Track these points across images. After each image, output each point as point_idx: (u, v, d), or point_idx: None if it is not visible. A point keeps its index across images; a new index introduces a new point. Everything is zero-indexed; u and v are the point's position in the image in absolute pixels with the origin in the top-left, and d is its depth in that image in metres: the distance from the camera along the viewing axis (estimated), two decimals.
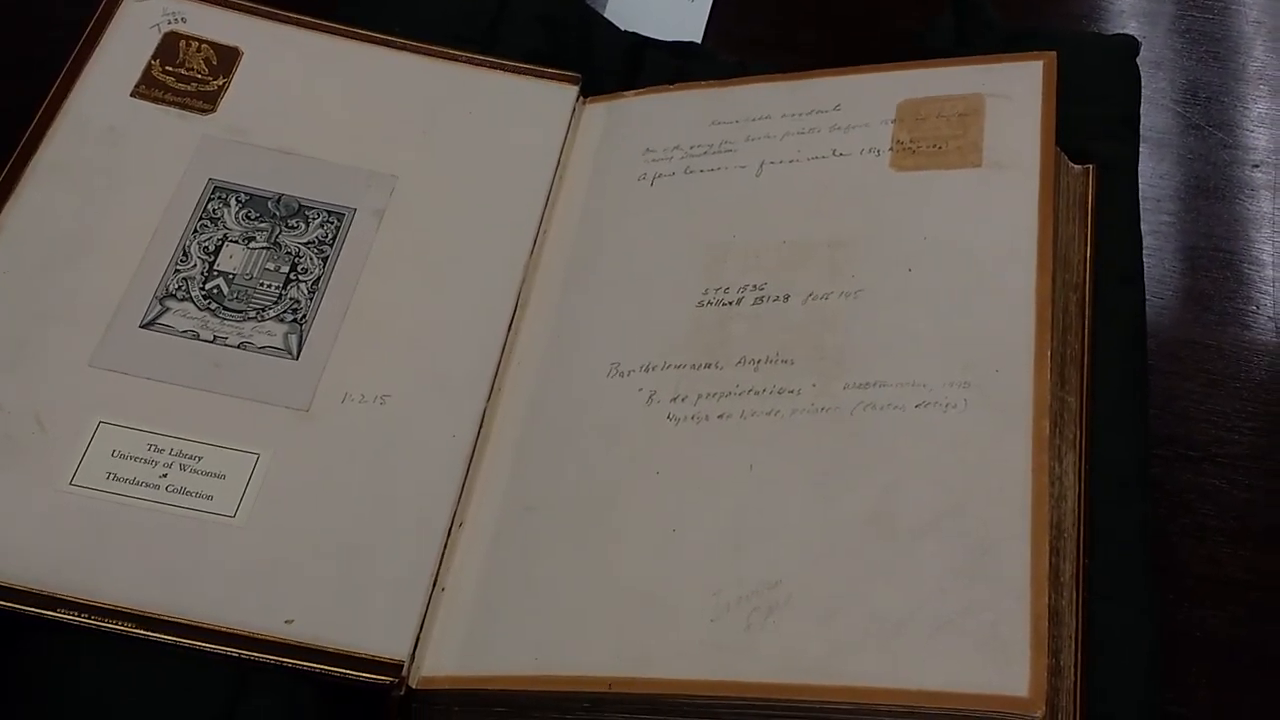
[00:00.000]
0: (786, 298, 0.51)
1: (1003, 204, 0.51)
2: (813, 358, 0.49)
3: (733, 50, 0.67)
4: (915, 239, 0.51)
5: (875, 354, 0.48)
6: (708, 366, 0.50)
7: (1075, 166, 0.56)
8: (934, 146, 0.53)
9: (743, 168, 0.56)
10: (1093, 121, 0.58)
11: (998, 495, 0.44)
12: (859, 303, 0.50)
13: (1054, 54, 0.55)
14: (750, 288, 0.52)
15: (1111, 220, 0.56)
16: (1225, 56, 0.70)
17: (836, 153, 0.55)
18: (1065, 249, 0.54)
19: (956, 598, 0.42)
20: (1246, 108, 0.68)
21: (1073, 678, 0.45)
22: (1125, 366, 0.53)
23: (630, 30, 0.67)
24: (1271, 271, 0.62)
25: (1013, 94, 0.54)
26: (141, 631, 0.45)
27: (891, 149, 0.54)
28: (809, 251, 0.52)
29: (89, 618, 0.45)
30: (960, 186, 0.52)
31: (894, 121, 0.55)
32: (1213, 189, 0.65)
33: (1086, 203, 0.56)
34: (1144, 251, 0.62)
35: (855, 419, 0.47)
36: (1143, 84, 0.63)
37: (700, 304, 0.52)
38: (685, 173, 0.56)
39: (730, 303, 0.52)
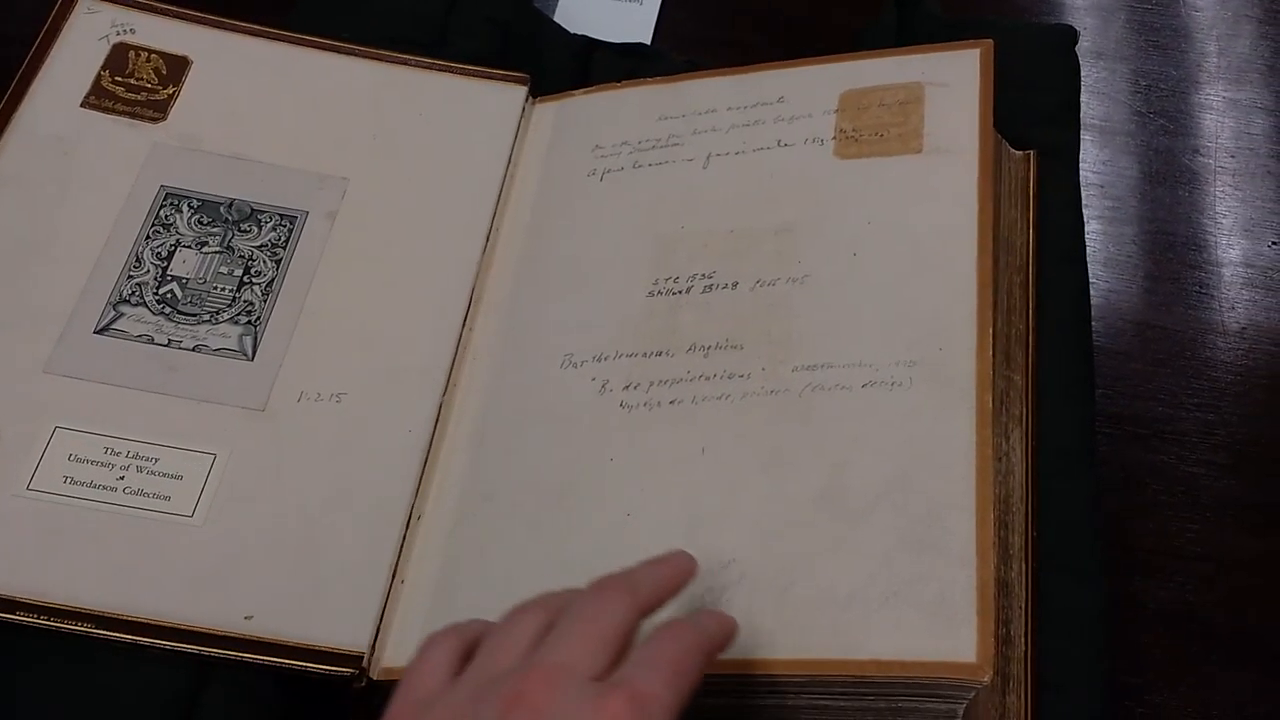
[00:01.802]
0: (735, 285, 0.52)
1: (943, 188, 0.52)
2: (761, 342, 0.50)
3: (681, 50, 0.68)
4: (859, 224, 0.52)
5: (822, 337, 0.49)
6: (659, 355, 0.51)
7: (1016, 152, 0.57)
8: (876, 135, 0.54)
9: (690, 160, 0.56)
10: (1033, 109, 0.60)
11: (943, 468, 0.45)
12: (805, 288, 0.51)
13: (990, 42, 0.56)
14: (699, 276, 0.52)
15: (1053, 204, 0.57)
16: (1166, 45, 0.71)
17: (781, 143, 0.55)
18: (1008, 232, 0.55)
19: (904, 569, 0.43)
20: (1188, 95, 0.69)
21: (1023, 647, 0.46)
22: (1070, 344, 0.54)
23: (579, 32, 0.67)
24: (1215, 253, 0.64)
25: (951, 81, 0.55)
26: (100, 632, 0.46)
27: (834, 138, 0.55)
28: (756, 239, 0.53)
29: (48, 620, 0.46)
30: (902, 172, 0.53)
31: (836, 111, 0.55)
32: (1157, 174, 0.66)
33: (1028, 187, 0.57)
34: (1092, 236, 0.63)
35: (804, 400, 0.48)
36: (1087, 74, 0.64)
37: (650, 294, 0.53)
38: (634, 167, 0.57)
39: (680, 291, 0.52)
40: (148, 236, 0.55)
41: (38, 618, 0.46)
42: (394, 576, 0.48)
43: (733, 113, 0.57)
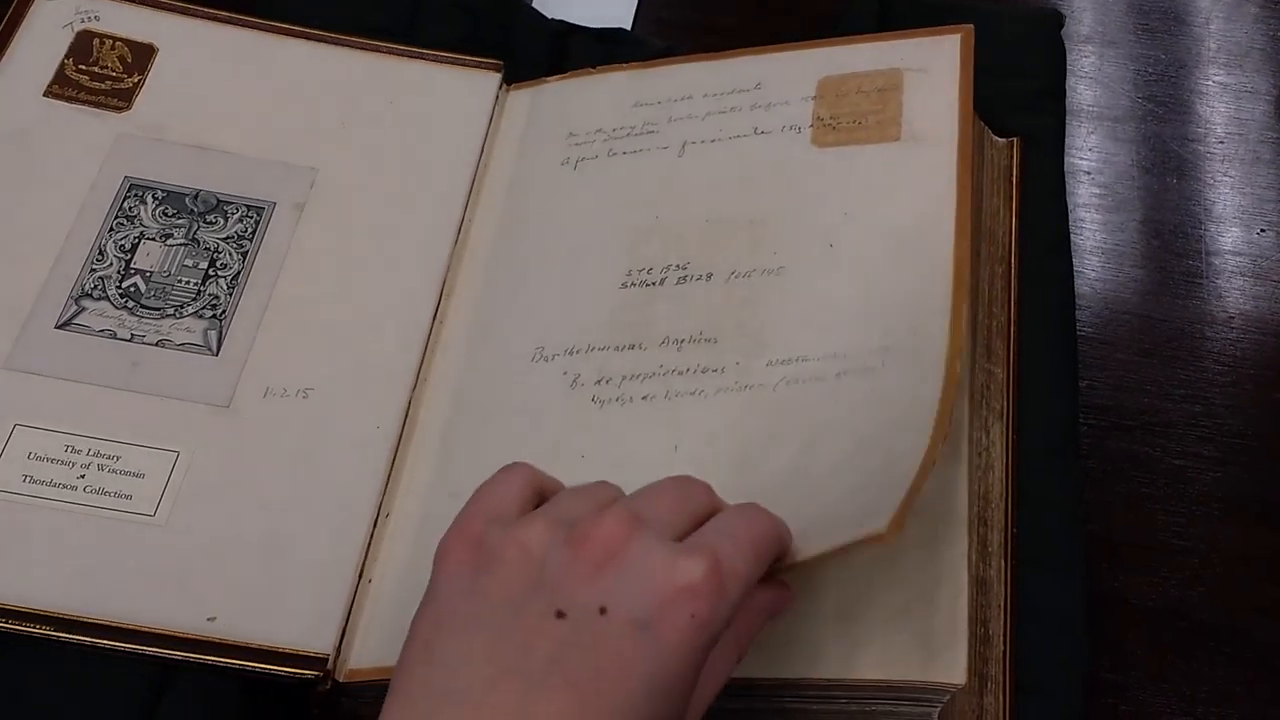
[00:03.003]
0: (709, 276, 0.51)
1: (921, 176, 0.51)
2: (735, 336, 0.49)
3: (661, 35, 0.67)
4: (836, 214, 0.51)
5: (797, 329, 0.48)
6: (631, 348, 0.50)
7: (999, 140, 0.56)
8: (854, 122, 0.53)
9: (665, 148, 0.55)
10: (1016, 95, 0.59)
11: (912, 443, 0.43)
12: (780, 279, 0.50)
13: (971, 27, 0.54)
14: (673, 267, 0.51)
15: (1037, 192, 0.56)
16: (1156, 29, 0.70)
17: (758, 131, 0.54)
18: (990, 222, 0.54)
19: None
20: (1178, 80, 0.68)
21: (1002, 646, 0.45)
22: (1054, 336, 0.53)
23: (558, 17, 0.66)
24: (1205, 241, 0.63)
25: (930, 67, 0.54)
26: (60, 634, 0.45)
27: (812, 126, 0.54)
28: (731, 230, 0.52)
29: (6, 621, 0.45)
30: (880, 161, 0.52)
31: (814, 98, 0.54)
32: (1146, 161, 0.65)
33: (1011, 176, 0.56)
34: (1080, 224, 0.62)
35: (778, 394, 0.47)
36: (1076, 58, 0.63)
37: (624, 285, 0.52)
38: (608, 155, 0.56)
39: (653, 283, 0.51)
40: (111, 229, 0.54)
41: None
42: (361, 576, 0.47)
43: (709, 99, 0.56)
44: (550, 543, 0.35)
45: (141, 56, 0.58)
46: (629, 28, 0.69)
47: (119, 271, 0.53)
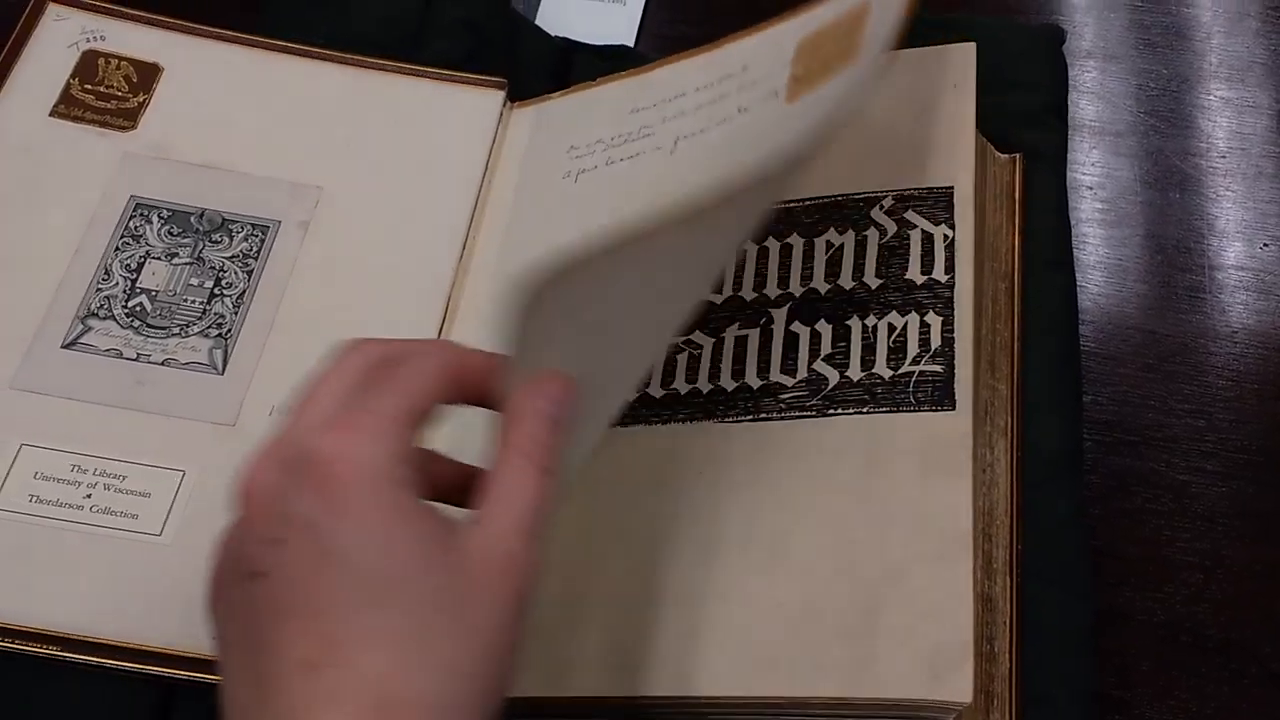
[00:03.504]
0: None
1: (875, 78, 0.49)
2: None
3: (663, 52, 0.67)
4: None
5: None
6: None
7: (1002, 156, 0.56)
8: (822, 65, 0.52)
9: (658, 149, 0.55)
10: (1018, 110, 0.59)
11: None
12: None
13: None
14: None
15: (1039, 208, 0.56)
16: (1158, 44, 0.70)
17: (741, 110, 0.53)
18: (994, 238, 0.54)
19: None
20: (1181, 95, 0.68)
21: (1007, 664, 0.45)
22: (1057, 352, 0.53)
23: (561, 35, 0.66)
24: (1207, 256, 0.63)
25: None
26: (66, 654, 0.45)
27: (786, 86, 0.53)
28: None
29: (12, 642, 0.45)
30: (840, 86, 0.50)
31: (792, 62, 0.53)
32: (1148, 175, 0.65)
33: (1013, 192, 0.56)
34: (1082, 239, 0.62)
35: None
36: (1078, 74, 0.63)
37: None
38: (607, 164, 0.56)
39: None
40: (117, 248, 0.54)
41: (2, 640, 0.45)
42: None
43: (700, 93, 0.56)
44: (230, 528, 0.35)
45: (147, 76, 0.58)
46: (632, 44, 0.69)
47: (125, 291, 0.53)
